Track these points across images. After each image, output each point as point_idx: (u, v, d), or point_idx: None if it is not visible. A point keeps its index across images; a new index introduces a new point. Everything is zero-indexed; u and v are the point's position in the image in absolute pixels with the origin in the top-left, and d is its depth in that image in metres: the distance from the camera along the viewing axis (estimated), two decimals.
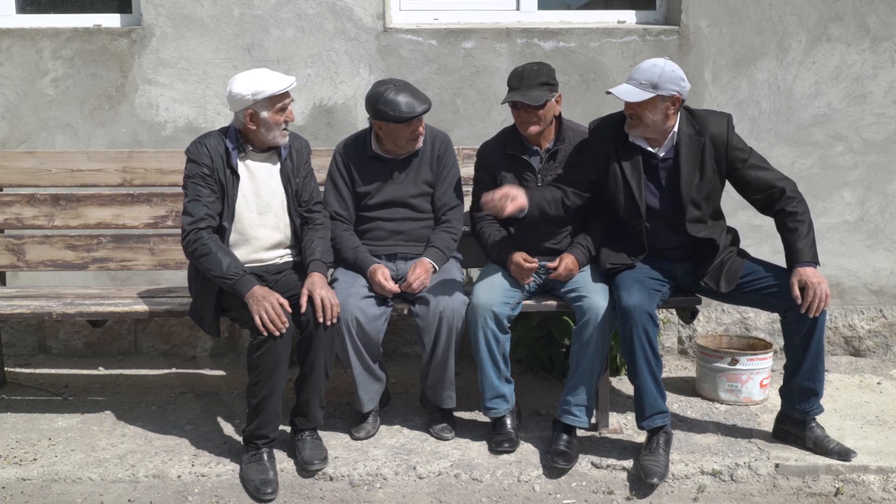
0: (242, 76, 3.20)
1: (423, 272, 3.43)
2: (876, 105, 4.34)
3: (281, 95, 3.20)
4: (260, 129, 3.22)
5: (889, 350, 4.51)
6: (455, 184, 3.65)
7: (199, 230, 3.17)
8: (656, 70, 3.21)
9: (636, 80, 3.23)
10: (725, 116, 3.35)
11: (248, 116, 3.20)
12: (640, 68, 3.26)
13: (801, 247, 3.21)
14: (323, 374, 3.27)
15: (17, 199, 3.94)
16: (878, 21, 4.26)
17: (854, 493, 3.19)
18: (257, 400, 3.18)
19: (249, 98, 3.15)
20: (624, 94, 3.23)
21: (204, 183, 3.22)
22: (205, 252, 3.15)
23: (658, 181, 3.37)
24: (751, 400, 3.83)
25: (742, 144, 3.35)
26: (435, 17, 4.47)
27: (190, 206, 3.21)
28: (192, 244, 3.17)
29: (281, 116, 3.23)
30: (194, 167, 3.23)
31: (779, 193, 3.28)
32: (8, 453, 3.40)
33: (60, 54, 4.28)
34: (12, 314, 3.55)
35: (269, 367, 3.14)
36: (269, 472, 3.20)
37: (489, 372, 3.39)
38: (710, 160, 3.32)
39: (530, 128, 3.42)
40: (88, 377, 4.27)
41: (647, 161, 3.35)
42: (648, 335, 3.20)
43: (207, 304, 3.27)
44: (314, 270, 3.28)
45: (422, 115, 3.41)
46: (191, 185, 3.23)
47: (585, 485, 3.25)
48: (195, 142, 3.28)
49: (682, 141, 3.31)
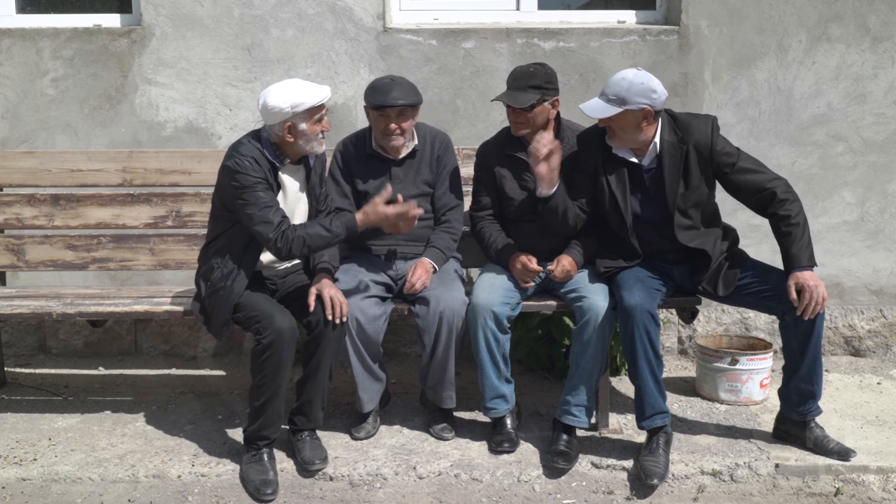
0: (277, 88, 3.13)
1: (423, 272, 3.43)
2: (876, 105, 4.34)
3: (318, 106, 3.15)
4: (298, 141, 3.17)
5: (889, 350, 4.51)
6: (455, 184, 3.65)
7: (284, 231, 3.10)
8: (624, 84, 3.18)
9: (605, 94, 3.22)
10: (710, 120, 3.31)
11: (287, 129, 3.13)
12: (610, 81, 3.23)
13: (795, 251, 3.19)
14: (327, 376, 3.27)
15: (17, 199, 3.93)
16: (878, 21, 4.26)
17: (854, 493, 3.19)
18: (260, 402, 3.19)
19: (288, 111, 3.09)
20: (590, 111, 3.23)
21: (266, 190, 3.13)
22: (305, 240, 3.12)
23: (644, 190, 3.35)
24: (751, 400, 3.83)
25: (729, 148, 3.31)
26: (435, 17, 4.47)
27: (265, 214, 3.10)
28: (290, 243, 3.10)
29: (318, 127, 3.17)
30: (247, 178, 3.11)
31: (770, 196, 3.25)
32: (8, 453, 3.40)
33: (60, 54, 4.28)
34: (12, 314, 3.55)
35: (272, 370, 3.14)
36: (270, 473, 3.20)
37: (489, 372, 3.39)
38: (695, 168, 3.28)
39: (519, 129, 3.43)
40: (88, 377, 4.27)
41: (632, 171, 3.34)
42: (650, 335, 3.20)
43: (221, 309, 3.23)
44: (322, 274, 3.29)
45: (399, 107, 3.38)
46: (255, 194, 3.11)
47: (585, 485, 3.25)
48: (237, 155, 3.14)
49: (665, 150, 3.28)
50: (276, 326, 3.12)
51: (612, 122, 3.24)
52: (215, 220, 3.32)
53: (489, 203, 3.60)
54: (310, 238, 3.13)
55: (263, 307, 3.19)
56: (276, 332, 3.11)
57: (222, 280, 3.21)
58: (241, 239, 3.22)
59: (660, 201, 3.33)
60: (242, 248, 3.23)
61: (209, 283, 3.26)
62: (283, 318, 3.15)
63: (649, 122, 3.24)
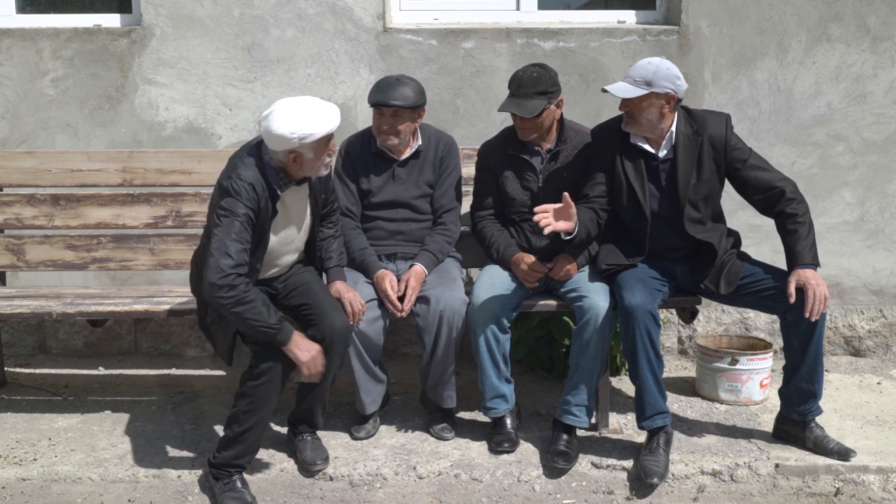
0: (283, 115, 2.87)
1: (416, 284, 3.42)
2: (876, 105, 4.34)
3: (328, 136, 2.96)
4: (303, 168, 2.99)
5: (889, 350, 4.51)
6: (454, 186, 3.65)
7: (240, 276, 2.87)
8: (651, 67, 3.22)
9: (631, 77, 3.25)
10: (724, 116, 3.36)
11: (292, 158, 2.94)
12: (635, 66, 3.28)
13: (800, 249, 3.21)
14: (330, 382, 3.25)
15: (17, 199, 3.93)
16: (878, 21, 4.26)
17: (854, 493, 3.19)
18: (243, 428, 3.04)
19: (296, 142, 2.87)
20: (618, 91, 3.24)
21: (248, 226, 2.92)
22: (248, 300, 2.87)
23: (658, 182, 3.37)
24: (751, 400, 3.83)
25: (741, 144, 3.35)
26: (435, 17, 4.47)
27: (232, 246, 2.86)
28: (232, 290, 2.84)
29: (325, 152, 3.00)
30: (239, 206, 2.90)
31: (778, 195, 3.28)
32: (8, 453, 3.40)
33: (60, 54, 4.28)
34: (12, 314, 3.55)
35: (264, 397, 3.02)
36: (247, 496, 3.07)
37: (489, 372, 3.39)
38: (709, 160, 3.32)
39: (527, 135, 3.44)
40: (88, 377, 4.27)
41: (647, 162, 3.36)
42: (650, 335, 3.20)
43: (226, 333, 3.09)
44: (335, 277, 3.27)
45: (393, 108, 3.37)
46: (235, 224, 2.89)
47: (585, 485, 3.25)
48: (235, 178, 2.93)
49: (680, 141, 3.31)
50: (275, 353, 2.99)
51: (635, 105, 3.25)
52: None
53: (490, 203, 3.60)
54: (252, 308, 2.87)
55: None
56: (274, 359, 3.00)
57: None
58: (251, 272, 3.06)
59: (671, 194, 3.35)
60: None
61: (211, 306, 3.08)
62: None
63: (670, 109, 3.27)
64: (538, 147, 3.51)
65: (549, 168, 3.51)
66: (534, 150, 3.51)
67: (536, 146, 3.51)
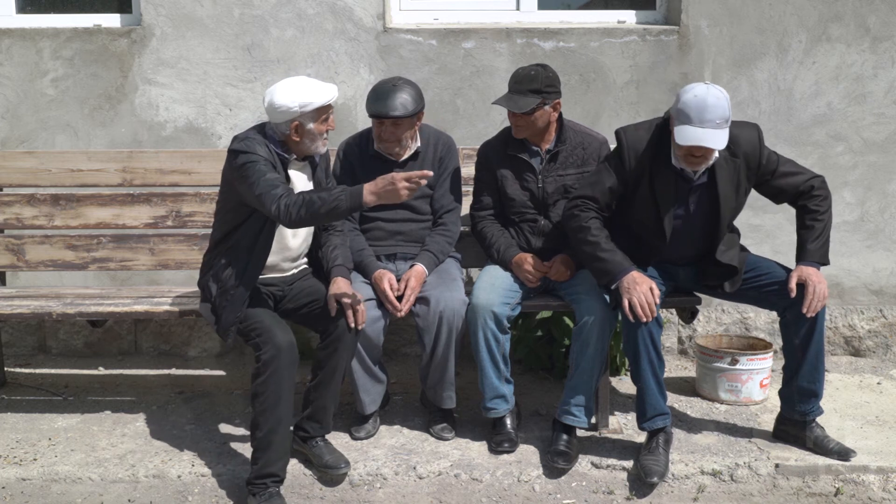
0: (285, 87, 3.06)
1: (417, 283, 3.41)
2: (876, 105, 4.34)
3: (326, 106, 3.10)
4: (304, 140, 3.11)
5: (889, 350, 4.51)
6: (454, 186, 3.65)
7: (287, 195, 2.92)
8: (723, 103, 3.01)
9: (712, 121, 2.98)
10: (755, 129, 3.26)
11: (294, 128, 3.08)
12: (706, 107, 2.96)
13: (811, 246, 3.24)
14: (341, 380, 3.25)
15: (17, 199, 3.93)
16: (878, 21, 4.26)
17: (854, 493, 3.19)
18: (265, 431, 3.02)
19: (297, 110, 3.03)
20: (720, 144, 3.02)
21: (270, 170, 3.01)
22: (301, 201, 2.89)
23: (686, 205, 3.26)
24: (751, 400, 3.83)
25: (773, 156, 3.29)
26: (435, 17, 4.47)
27: (266, 182, 2.94)
28: (292, 206, 2.88)
29: (324, 126, 3.13)
30: (255, 157, 3.00)
31: (807, 190, 3.29)
32: (8, 453, 3.40)
33: (60, 54, 4.28)
34: (12, 314, 3.55)
35: (275, 391, 3.01)
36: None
37: (489, 372, 3.39)
38: (744, 180, 3.26)
39: (519, 132, 3.44)
40: (88, 377, 4.27)
41: (679, 184, 3.24)
42: (652, 336, 3.19)
43: (232, 308, 3.12)
44: (338, 276, 3.27)
45: (393, 118, 3.36)
46: (256, 170, 2.97)
47: (585, 485, 3.25)
48: (245, 140, 3.07)
49: (717, 163, 3.19)
50: (277, 342, 3.02)
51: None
52: (222, 219, 3.21)
53: (490, 203, 3.60)
54: (309, 199, 2.89)
55: (263, 320, 3.10)
56: (276, 347, 3.02)
57: (233, 279, 3.12)
58: (249, 237, 3.13)
59: (701, 217, 3.27)
60: (250, 246, 3.13)
61: (220, 282, 3.16)
62: (283, 334, 3.06)
63: None
64: (537, 147, 3.51)
65: (548, 169, 3.51)
66: (533, 150, 3.51)
67: (536, 147, 3.51)
